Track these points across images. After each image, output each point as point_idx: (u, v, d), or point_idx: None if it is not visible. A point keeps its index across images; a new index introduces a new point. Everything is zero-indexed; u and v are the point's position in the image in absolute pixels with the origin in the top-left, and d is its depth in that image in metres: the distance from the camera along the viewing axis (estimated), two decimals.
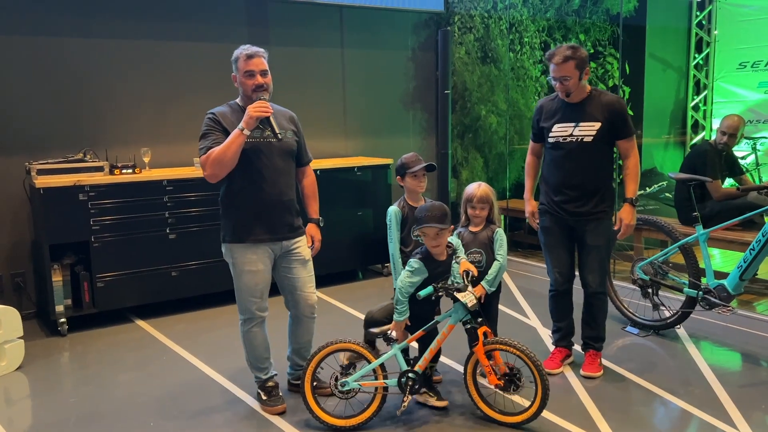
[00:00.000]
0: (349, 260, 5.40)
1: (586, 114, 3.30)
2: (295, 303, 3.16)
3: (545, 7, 6.60)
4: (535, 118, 3.53)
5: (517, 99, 6.50)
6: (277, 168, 3.00)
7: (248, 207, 2.98)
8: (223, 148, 2.83)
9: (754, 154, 6.87)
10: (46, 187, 4.11)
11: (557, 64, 3.22)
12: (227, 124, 2.93)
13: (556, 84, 3.28)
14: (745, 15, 7.26)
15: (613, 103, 3.30)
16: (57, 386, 3.53)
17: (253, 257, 3.00)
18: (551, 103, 3.45)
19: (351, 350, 2.99)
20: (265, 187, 2.98)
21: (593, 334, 3.53)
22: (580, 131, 3.31)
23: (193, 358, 3.82)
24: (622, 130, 3.31)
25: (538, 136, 3.55)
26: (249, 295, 3.04)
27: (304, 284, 3.14)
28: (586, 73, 3.27)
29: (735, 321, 4.09)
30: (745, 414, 3.00)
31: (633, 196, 3.35)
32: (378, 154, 5.82)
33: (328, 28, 5.65)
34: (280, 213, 3.03)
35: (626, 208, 3.36)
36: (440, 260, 2.95)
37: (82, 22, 4.64)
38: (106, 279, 4.34)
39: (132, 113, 4.87)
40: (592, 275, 3.43)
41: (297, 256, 3.12)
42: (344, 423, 2.94)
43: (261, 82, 2.95)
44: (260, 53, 2.97)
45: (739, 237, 4.50)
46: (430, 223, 2.85)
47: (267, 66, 2.99)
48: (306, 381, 2.99)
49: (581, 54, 3.22)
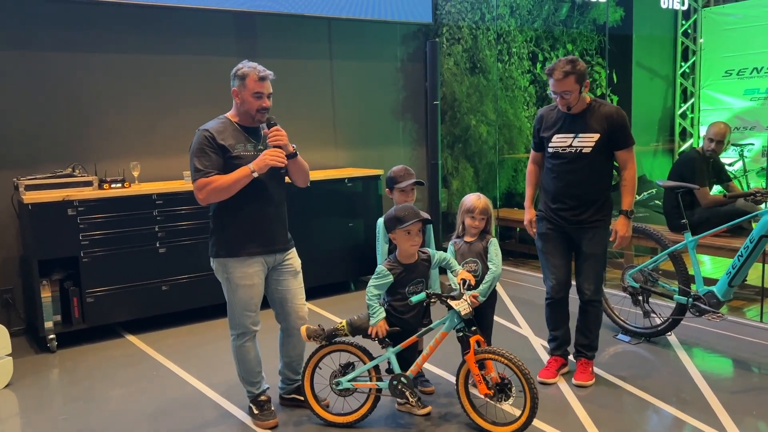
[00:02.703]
0: (341, 271, 5.39)
1: (586, 125, 3.31)
2: (286, 315, 3.15)
3: (532, 18, 6.66)
4: (536, 127, 3.54)
5: (506, 109, 6.54)
6: (272, 182, 3.01)
7: (245, 222, 2.97)
8: (227, 183, 2.85)
9: (741, 160, 6.93)
10: (34, 203, 4.09)
11: (557, 79, 3.22)
12: (222, 140, 2.92)
13: (557, 98, 3.29)
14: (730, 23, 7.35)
15: (612, 114, 3.31)
16: (47, 403, 3.49)
17: (249, 271, 2.99)
18: (552, 112, 3.46)
19: (347, 351, 3.06)
20: (262, 202, 2.99)
21: (586, 343, 3.53)
22: (579, 142, 3.32)
23: (185, 373, 3.80)
24: (621, 140, 3.31)
25: (538, 145, 3.55)
26: (244, 310, 3.03)
27: (294, 296, 3.13)
28: (585, 85, 3.27)
29: (725, 327, 4.11)
30: (737, 420, 3.01)
31: (629, 208, 3.35)
32: (368, 165, 5.83)
33: (316, 40, 5.67)
34: (275, 227, 3.04)
35: (621, 220, 3.37)
36: (408, 263, 2.98)
37: (71, 35, 4.63)
38: (96, 294, 4.31)
39: (121, 127, 4.86)
40: (588, 283, 3.44)
41: (289, 267, 3.12)
42: (339, 419, 3.06)
43: (268, 105, 2.96)
44: (271, 77, 2.97)
45: (728, 243, 4.53)
46: (414, 219, 2.90)
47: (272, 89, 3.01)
48: (306, 379, 3.08)
49: (580, 67, 3.23)
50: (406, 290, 2.98)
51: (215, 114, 3.09)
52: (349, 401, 3.11)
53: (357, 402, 3.10)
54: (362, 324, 2.98)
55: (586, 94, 3.33)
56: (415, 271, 3.00)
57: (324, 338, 3.01)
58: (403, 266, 3.00)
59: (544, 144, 3.47)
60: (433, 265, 3.07)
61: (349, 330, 2.99)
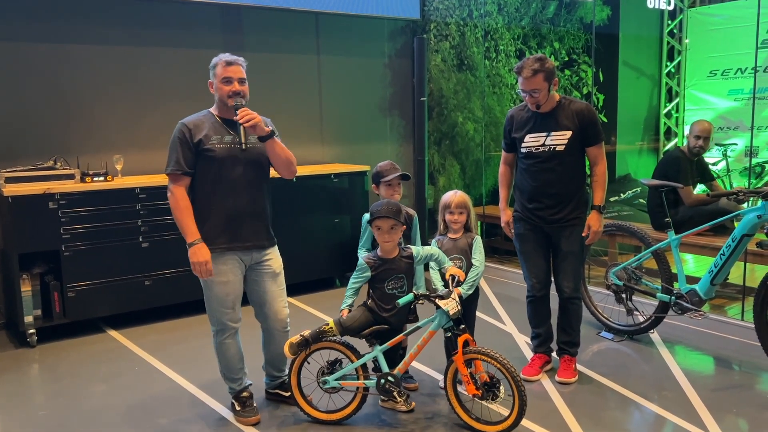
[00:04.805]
0: (326, 268, 5.38)
1: (557, 123, 3.33)
2: (265, 317, 3.12)
3: (520, 16, 6.67)
4: (506, 128, 3.54)
5: (493, 106, 6.55)
6: (245, 177, 2.96)
7: (217, 216, 2.95)
8: (177, 218, 2.90)
9: (724, 160, 7.00)
10: (15, 196, 4.03)
11: (526, 77, 3.24)
12: (197, 134, 2.90)
13: (526, 97, 3.31)
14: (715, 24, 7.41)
15: (582, 110, 3.34)
16: (26, 399, 3.44)
17: (222, 267, 2.96)
18: (522, 113, 3.47)
19: (334, 349, 3.05)
20: (232, 196, 2.95)
21: (568, 339, 3.55)
22: (552, 140, 3.34)
23: (167, 369, 3.76)
24: (592, 136, 3.35)
25: (510, 146, 3.57)
26: (220, 306, 3.00)
27: (274, 298, 3.08)
28: (554, 83, 3.29)
29: (707, 325, 4.15)
30: (717, 417, 3.03)
31: (601, 203, 3.38)
32: (355, 160, 5.81)
33: (303, 35, 5.64)
34: (248, 223, 2.98)
35: (594, 215, 3.39)
36: (387, 258, 2.98)
37: (53, 27, 4.56)
38: (77, 288, 4.26)
39: (104, 120, 4.80)
40: (567, 281, 3.46)
41: (267, 269, 3.06)
42: (326, 417, 3.05)
43: (238, 89, 2.92)
44: (239, 61, 2.96)
45: (711, 242, 4.57)
46: (386, 215, 2.91)
47: (245, 75, 2.97)
48: (293, 374, 3.06)
49: (548, 66, 3.25)
50: (385, 285, 2.98)
51: (199, 108, 3.07)
52: (334, 398, 3.09)
53: (342, 400, 3.08)
54: (352, 324, 2.96)
55: (555, 92, 3.34)
56: (394, 267, 2.99)
57: (310, 344, 2.98)
58: (383, 261, 2.99)
59: (516, 144, 3.49)
60: (418, 261, 3.06)
61: (339, 330, 2.97)
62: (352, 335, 2.98)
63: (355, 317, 2.97)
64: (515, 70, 3.31)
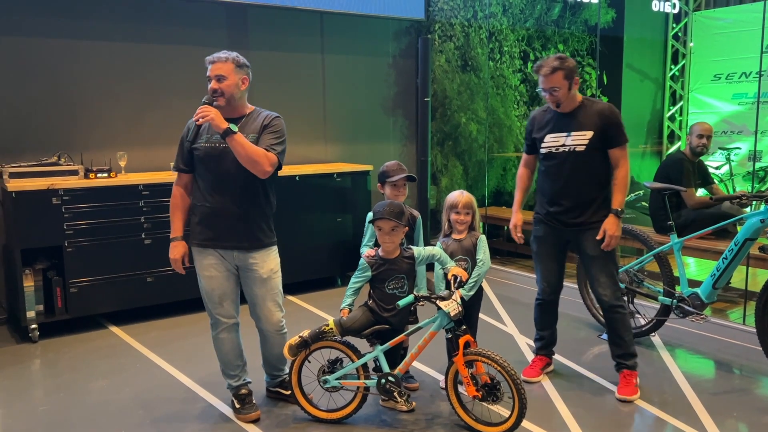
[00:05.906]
0: (328, 267, 5.38)
1: (578, 123, 3.27)
2: (257, 318, 3.12)
3: (525, 17, 6.67)
4: (528, 129, 3.50)
5: (497, 107, 6.54)
6: (228, 176, 2.93)
7: (200, 212, 3.01)
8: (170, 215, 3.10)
9: (728, 164, 6.99)
10: (18, 191, 4.04)
11: (545, 75, 3.19)
12: (194, 133, 2.96)
13: (546, 95, 3.26)
14: (720, 28, 7.40)
15: (604, 110, 3.27)
16: (27, 394, 3.45)
17: (204, 262, 3.01)
18: (543, 113, 3.42)
19: (335, 349, 3.05)
20: (211, 193, 2.96)
21: (621, 352, 3.36)
22: (573, 141, 3.27)
23: (168, 366, 3.77)
24: (614, 138, 3.26)
25: (531, 148, 3.51)
26: (208, 300, 3.07)
27: (262, 302, 3.06)
28: (575, 82, 3.24)
29: (708, 329, 4.14)
30: (718, 421, 3.03)
31: (619, 207, 3.25)
32: (358, 160, 5.81)
33: (308, 34, 5.64)
34: (225, 222, 2.95)
35: (611, 219, 3.25)
36: (388, 258, 2.98)
37: (58, 23, 4.58)
38: (80, 284, 4.26)
39: (108, 116, 4.81)
40: (602, 288, 3.31)
41: (253, 273, 3.02)
42: (326, 416, 3.05)
43: (215, 86, 2.91)
44: (216, 58, 2.92)
45: (713, 246, 4.56)
46: (387, 216, 2.91)
47: (226, 71, 2.90)
48: (293, 373, 3.05)
49: (569, 64, 3.20)
50: (385, 285, 2.97)
51: None
52: (335, 397, 3.09)
53: (343, 399, 3.08)
54: (352, 324, 2.96)
55: (577, 92, 3.30)
56: (395, 267, 2.99)
57: (309, 345, 2.98)
58: (384, 261, 2.99)
59: (536, 145, 3.43)
60: (419, 262, 3.05)
61: (339, 330, 2.97)
62: (353, 336, 2.98)
63: (355, 317, 2.97)
64: (534, 68, 3.26)
